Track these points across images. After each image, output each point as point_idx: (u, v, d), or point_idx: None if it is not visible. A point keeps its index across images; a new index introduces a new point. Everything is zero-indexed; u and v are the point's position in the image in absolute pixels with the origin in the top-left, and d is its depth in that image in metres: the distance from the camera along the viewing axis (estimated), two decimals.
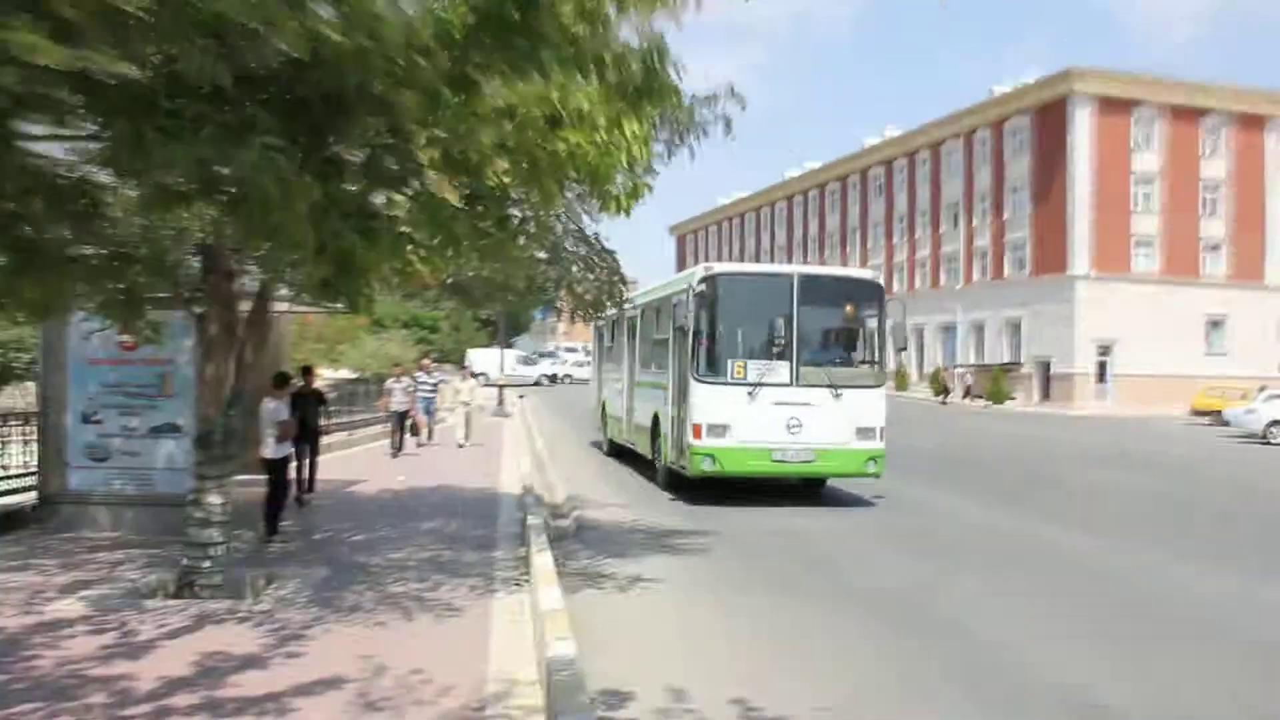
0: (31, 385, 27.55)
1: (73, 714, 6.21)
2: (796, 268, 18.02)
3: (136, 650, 7.64)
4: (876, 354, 18.29)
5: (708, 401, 16.92)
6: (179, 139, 4.02)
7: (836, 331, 18.49)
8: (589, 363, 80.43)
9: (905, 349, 19.34)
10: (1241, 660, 8.67)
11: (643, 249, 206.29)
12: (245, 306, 10.69)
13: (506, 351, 54.82)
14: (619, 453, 24.50)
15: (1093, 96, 64.50)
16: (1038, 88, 67.39)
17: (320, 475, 16.28)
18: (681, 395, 17.83)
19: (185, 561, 9.62)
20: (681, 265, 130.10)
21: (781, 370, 17.12)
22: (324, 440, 24.96)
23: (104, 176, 6.18)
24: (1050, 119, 65.93)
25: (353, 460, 22.75)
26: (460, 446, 26.18)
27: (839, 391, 17.14)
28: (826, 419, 17.03)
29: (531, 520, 12.74)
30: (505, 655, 7.62)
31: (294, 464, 13.62)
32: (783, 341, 17.20)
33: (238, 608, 9.02)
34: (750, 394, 16.84)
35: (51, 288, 5.19)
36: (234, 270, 10.29)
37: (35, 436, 13.31)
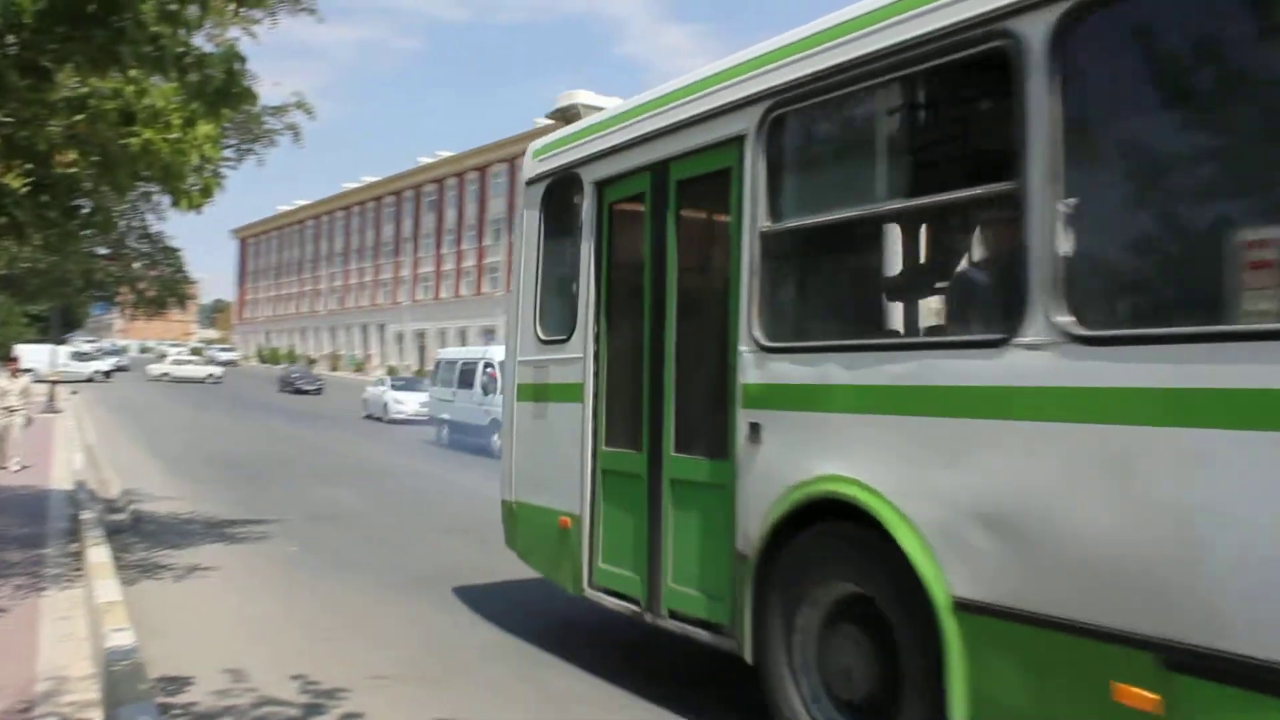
0: None
1: None
2: None
3: None
4: None
5: None
6: None
7: None
8: (165, 357, 73.14)
9: None
10: None
11: (201, 252, 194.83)
12: None
13: (59, 347, 49.55)
14: None
15: None
16: None
17: None
18: None
19: None
20: (244, 268, 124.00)
21: None
22: None
23: None
24: None
25: None
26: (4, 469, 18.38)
27: None
28: None
29: (84, 515, 11.64)
30: (56, 652, 6.89)
31: None
32: None
33: None
34: None
35: None
36: None
37: None
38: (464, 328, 76.28)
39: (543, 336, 7.73)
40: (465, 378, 26.93)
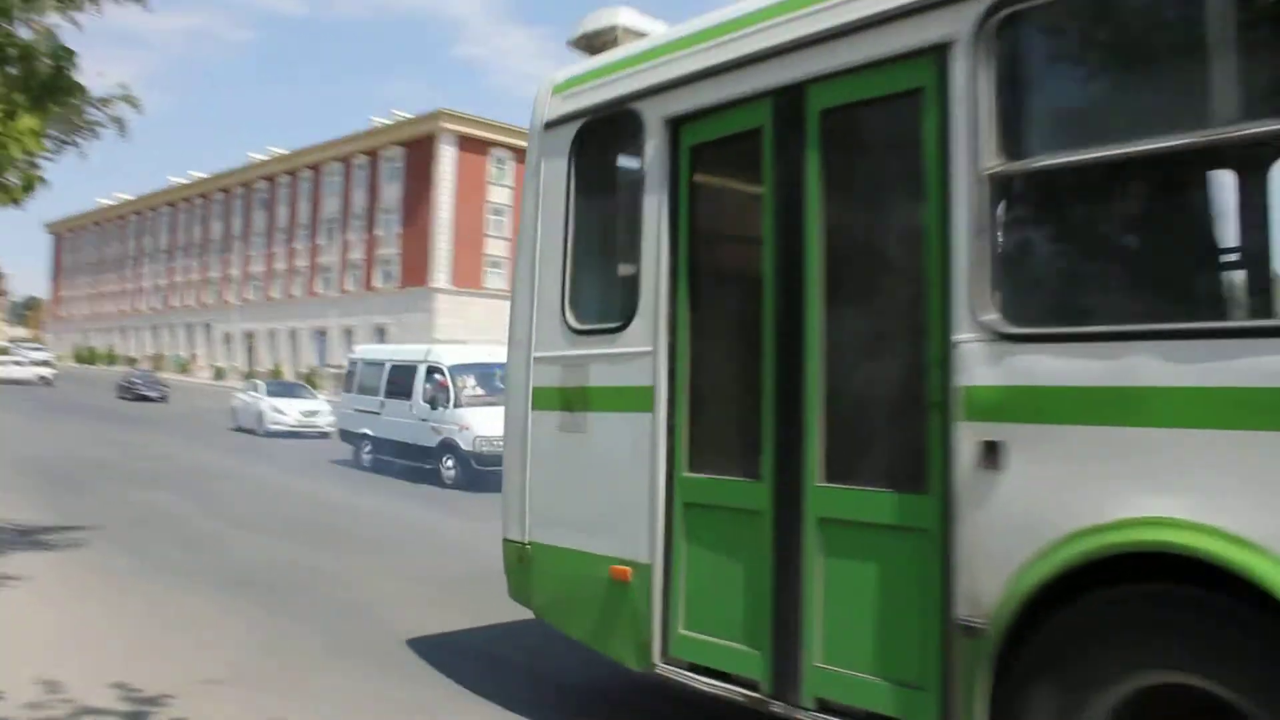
0: None
1: None
2: None
3: None
4: None
5: None
6: None
7: None
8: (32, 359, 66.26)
9: None
10: None
11: (11, 245, 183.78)
12: None
13: None
14: None
15: (457, 136, 67.92)
16: (411, 124, 69.71)
17: None
18: None
19: None
20: (58, 264, 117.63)
21: None
22: None
23: None
24: (420, 152, 68.40)
25: None
26: None
27: None
28: None
29: None
30: None
31: None
32: None
33: None
34: None
35: None
36: None
37: None
38: (295, 329, 74.48)
39: (577, 325, 5.98)
40: (398, 385, 21.66)
